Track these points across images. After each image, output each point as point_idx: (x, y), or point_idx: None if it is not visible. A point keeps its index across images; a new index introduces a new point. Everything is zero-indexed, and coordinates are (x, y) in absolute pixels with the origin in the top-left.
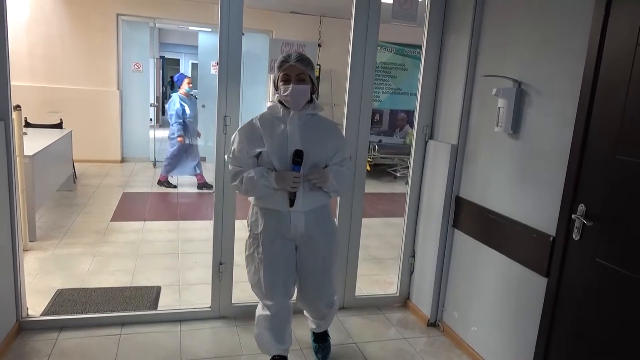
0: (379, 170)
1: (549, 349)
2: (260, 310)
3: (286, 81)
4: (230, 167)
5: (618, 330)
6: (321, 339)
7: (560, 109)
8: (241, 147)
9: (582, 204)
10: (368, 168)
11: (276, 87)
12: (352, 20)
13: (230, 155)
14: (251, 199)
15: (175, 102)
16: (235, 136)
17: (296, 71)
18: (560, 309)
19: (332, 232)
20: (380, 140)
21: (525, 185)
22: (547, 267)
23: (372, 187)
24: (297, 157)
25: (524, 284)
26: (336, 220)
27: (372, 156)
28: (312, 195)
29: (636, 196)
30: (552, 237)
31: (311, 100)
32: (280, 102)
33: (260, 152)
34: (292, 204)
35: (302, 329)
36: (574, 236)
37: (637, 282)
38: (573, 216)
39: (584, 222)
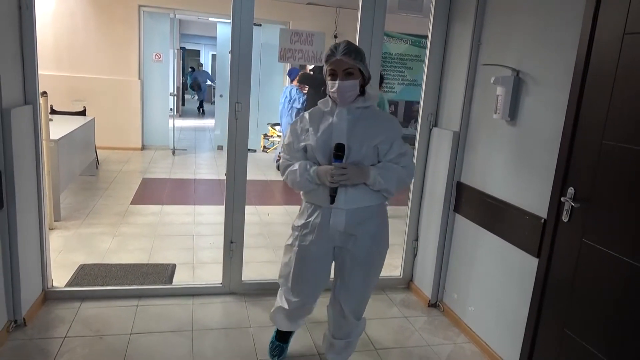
0: None
1: (539, 326)
2: (281, 301)
3: (333, 76)
4: (282, 159)
5: (603, 308)
6: None
7: (554, 97)
8: (290, 140)
9: (571, 187)
10: None
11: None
12: (359, 10)
13: (282, 148)
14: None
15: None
16: (287, 129)
17: (343, 66)
18: (550, 288)
19: (376, 236)
20: None
21: (521, 169)
22: (538, 248)
23: None
24: (338, 151)
25: (517, 264)
26: None
27: None
28: (356, 193)
29: (620, 179)
30: (543, 219)
31: (363, 93)
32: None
33: (306, 146)
34: (332, 200)
35: None
36: (563, 218)
37: (621, 261)
38: (562, 199)
39: (572, 204)
